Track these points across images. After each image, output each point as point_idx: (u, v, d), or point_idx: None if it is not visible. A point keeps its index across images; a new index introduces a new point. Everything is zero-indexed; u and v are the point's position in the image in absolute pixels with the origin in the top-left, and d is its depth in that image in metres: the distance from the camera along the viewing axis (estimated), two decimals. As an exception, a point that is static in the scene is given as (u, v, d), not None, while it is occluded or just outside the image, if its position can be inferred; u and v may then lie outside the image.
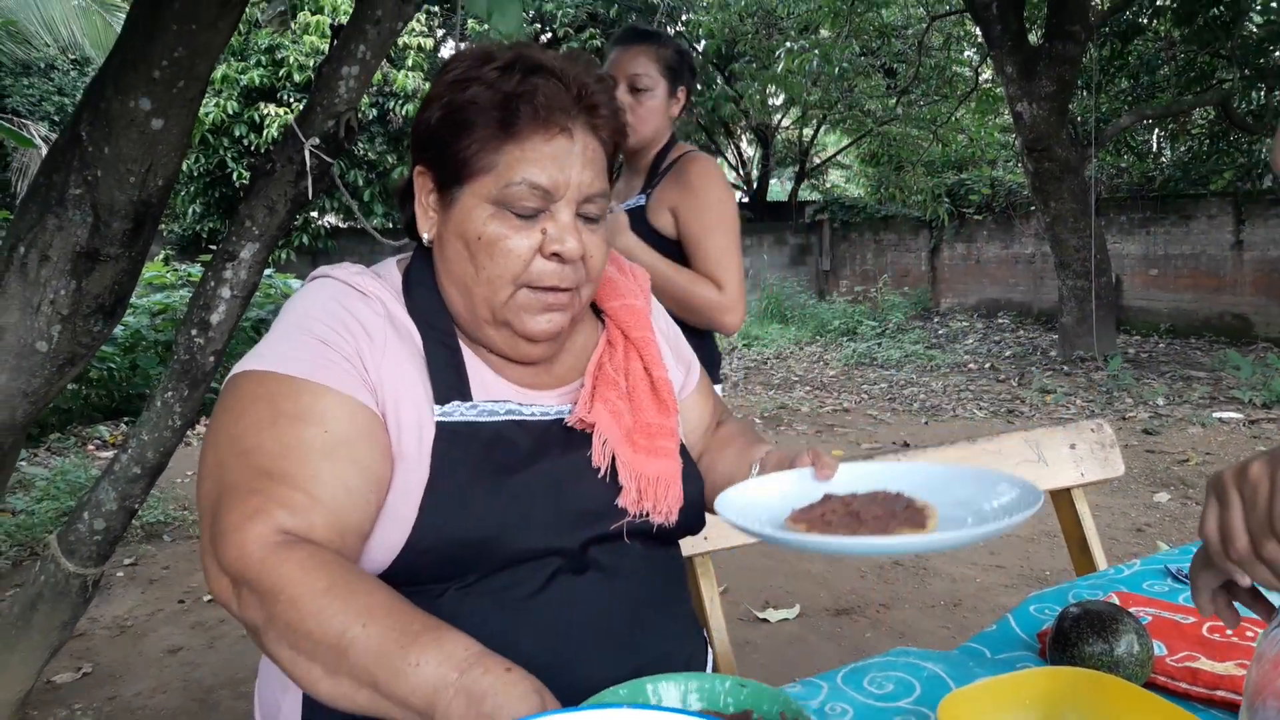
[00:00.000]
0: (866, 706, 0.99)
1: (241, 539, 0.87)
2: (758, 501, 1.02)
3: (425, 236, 1.08)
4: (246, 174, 12.09)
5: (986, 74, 11.68)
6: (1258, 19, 10.56)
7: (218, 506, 0.91)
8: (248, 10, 11.28)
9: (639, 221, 2.23)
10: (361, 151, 14.31)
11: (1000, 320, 12.54)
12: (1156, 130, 12.62)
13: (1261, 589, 0.82)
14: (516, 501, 1.00)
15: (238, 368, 1.00)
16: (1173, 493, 4.97)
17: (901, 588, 3.76)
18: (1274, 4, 10.34)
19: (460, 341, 1.08)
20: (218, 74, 11.66)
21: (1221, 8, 9.91)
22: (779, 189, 20.68)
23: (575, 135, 1.01)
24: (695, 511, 1.13)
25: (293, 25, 12.14)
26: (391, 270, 1.11)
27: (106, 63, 2.44)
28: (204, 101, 2.49)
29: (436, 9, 15.18)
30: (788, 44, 10.41)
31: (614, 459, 1.06)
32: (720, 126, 16.97)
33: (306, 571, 0.84)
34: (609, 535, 1.05)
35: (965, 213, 13.34)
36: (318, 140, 2.30)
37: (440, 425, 1.00)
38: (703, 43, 14.13)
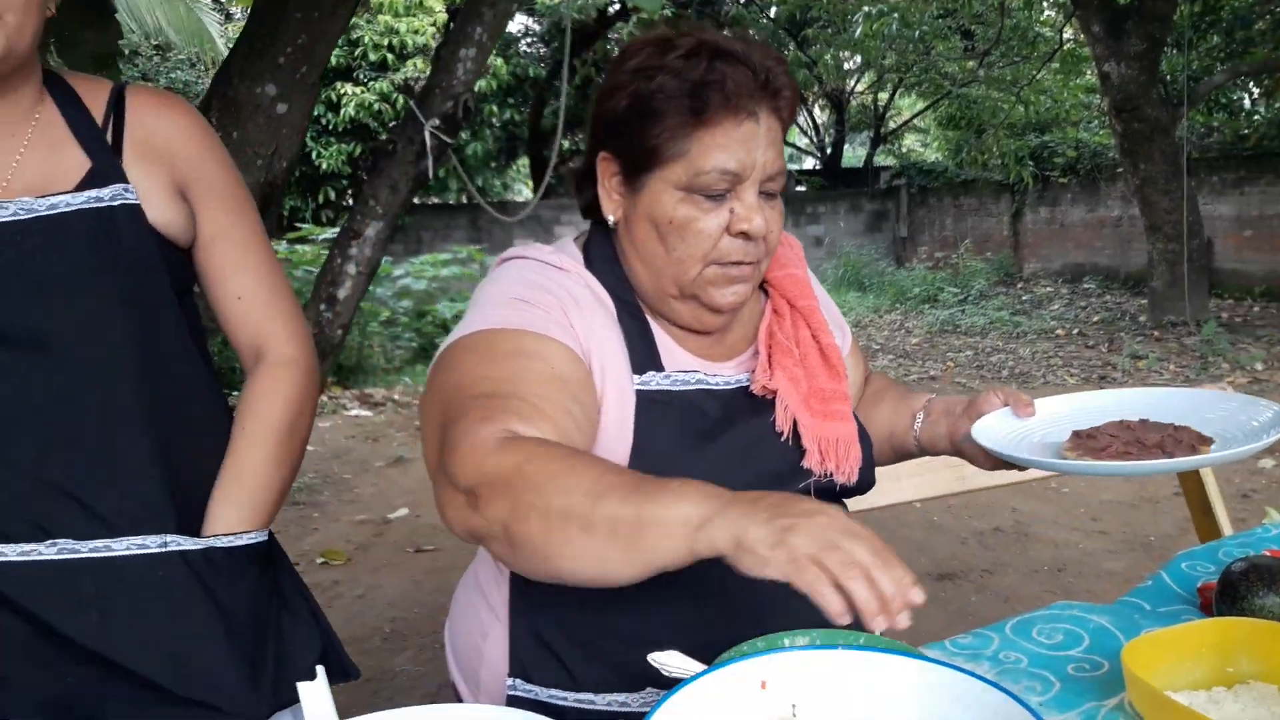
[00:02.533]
0: (1039, 655, 1.03)
1: (473, 441, 0.90)
2: (1005, 437, 1.14)
3: (611, 219, 1.12)
4: (326, 153, 12.30)
5: (1070, 33, 11.35)
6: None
7: (444, 435, 0.94)
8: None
9: None
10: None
11: (1086, 285, 12.26)
12: (1251, 87, 12.17)
13: None
14: (716, 466, 1.04)
15: (448, 342, 1.05)
16: (1277, 458, 4.86)
17: (1004, 553, 3.77)
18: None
19: (644, 312, 1.13)
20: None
21: (1321, -44, 9.52)
22: (852, 156, 20.42)
23: (760, 119, 1.05)
24: (870, 470, 1.18)
25: (370, 3, 12.29)
26: (572, 249, 1.17)
27: (232, 53, 2.55)
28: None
29: None
30: (865, 8, 10.24)
31: (795, 423, 1.11)
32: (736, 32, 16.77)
33: (542, 449, 0.88)
34: (789, 489, 1.10)
35: (1049, 175, 13.02)
36: (437, 121, 2.37)
37: (639, 394, 1.06)
38: (774, 9, 14.00)
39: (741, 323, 1.20)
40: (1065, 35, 11.90)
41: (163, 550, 1.11)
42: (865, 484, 1.18)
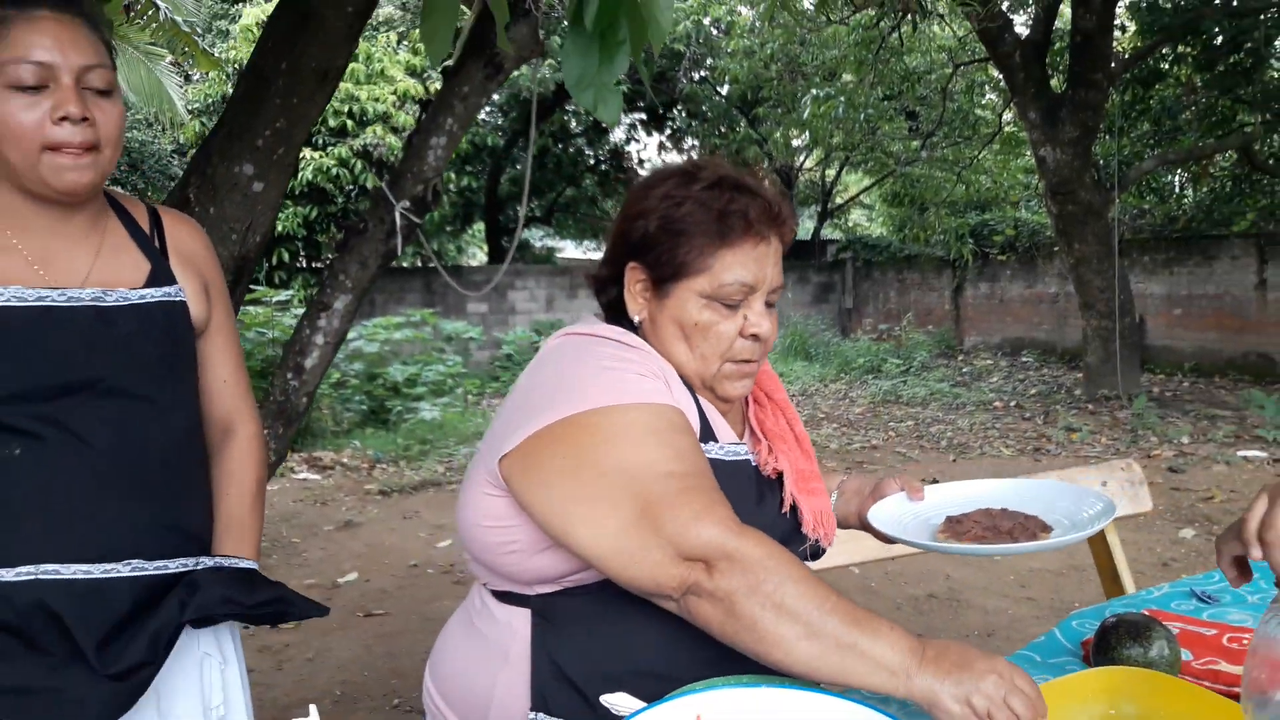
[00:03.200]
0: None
1: (709, 524, 1.05)
2: (896, 518, 1.35)
3: (636, 319, 1.29)
4: (283, 216, 12.35)
5: (1009, 116, 11.89)
6: (1278, 64, 10.75)
7: (657, 513, 1.08)
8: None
9: None
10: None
11: (1024, 359, 12.67)
12: (1179, 172, 12.78)
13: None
14: (764, 531, 1.18)
15: (553, 417, 1.16)
16: (1197, 529, 5.10)
17: (936, 618, 3.92)
18: (1294, 50, 10.55)
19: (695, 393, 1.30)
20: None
21: (1242, 54, 10.12)
22: (801, 229, 20.92)
23: (771, 241, 1.27)
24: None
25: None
26: (615, 327, 1.32)
27: (212, 134, 2.68)
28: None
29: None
30: (813, 91, 10.66)
31: (793, 498, 1.31)
32: (742, 165, 17.27)
33: (780, 549, 1.06)
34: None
35: (989, 252, 13.52)
36: (408, 203, 2.52)
37: (710, 461, 1.20)
38: (727, 88, 14.45)
39: (734, 410, 1.37)
40: (1005, 118, 12.44)
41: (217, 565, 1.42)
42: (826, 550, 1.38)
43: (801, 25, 10.24)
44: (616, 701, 1.00)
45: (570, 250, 22.70)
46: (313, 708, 0.97)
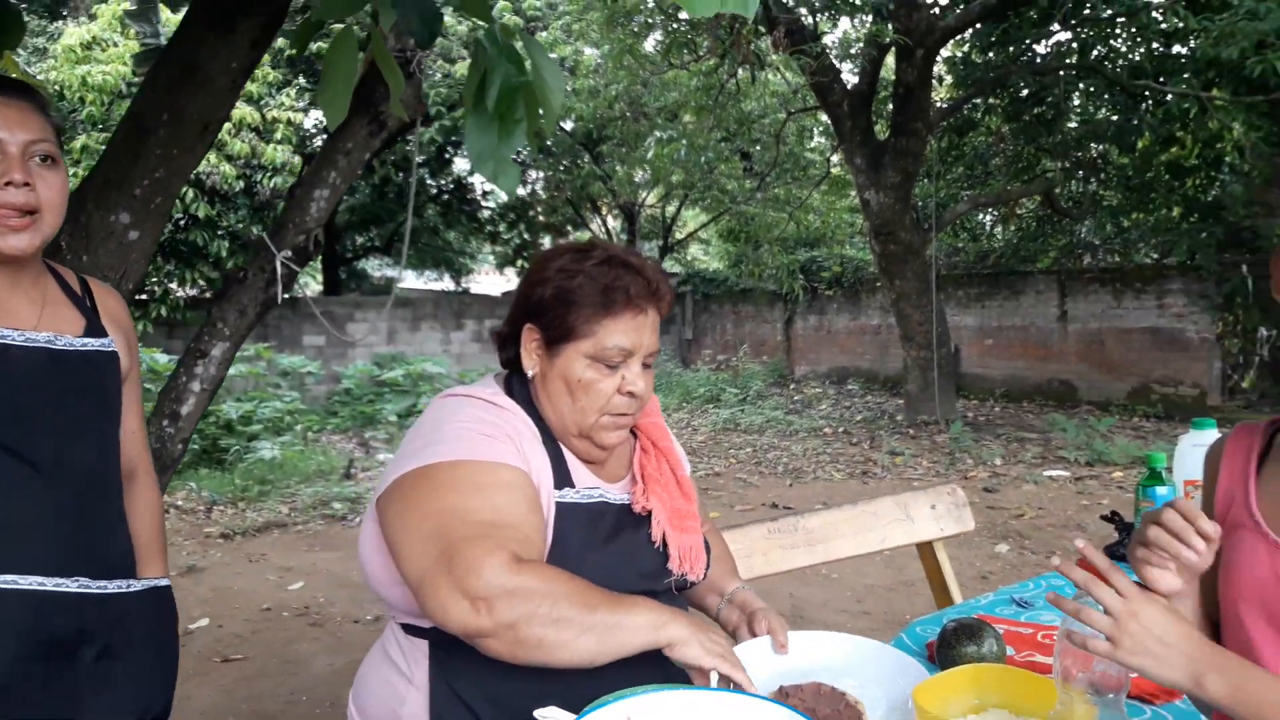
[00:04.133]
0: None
1: (490, 565, 1.21)
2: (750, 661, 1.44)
3: (530, 372, 1.48)
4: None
5: (836, 160, 12.62)
6: (1076, 117, 11.85)
7: (451, 555, 1.23)
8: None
9: None
10: (227, 222, 14.18)
11: (850, 387, 13.38)
12: (989, 214, 13.84)
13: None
14: (611, 562, 1.40)
15: (413, 465, 1.34)
16: (1011, 544, 5.60)
17: (785, 636, 4.20)
18: (1090, 107, 11.65)
19: (556, 440, 1.47)
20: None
21: (1044, 106, 11.11)
22: (642, 261, 21.40)
23: (648, 313, 1.45)
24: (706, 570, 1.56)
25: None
26: (494, 385, 1.51)
27: (87, 181, 2.69)
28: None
29: (304, 82, 15.28)
30: (657, 132, 11.06)
31: (664, 535, 1.47)
32: (586, 202, 17.60)
33: (550, 573, 1.25)
34: (660, 589, 1.47)
35: (817, 287, 14.27)
36: (289, 252, 2.60)
37: (559, 504, 1.40)
38: (572, 124, 14.73)
39: (620, 454, 1.56)
40: (833, 161, 13.19)
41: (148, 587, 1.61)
42: (697, 583, 1.55)
43: (644, 69, 10.61)
44: (548, 715, 1.16)
45: (411, 280, 22.45)
46: (350, 700, 1.09)
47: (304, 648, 4.12)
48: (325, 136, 15.64)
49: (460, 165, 17.66)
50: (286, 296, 2.77)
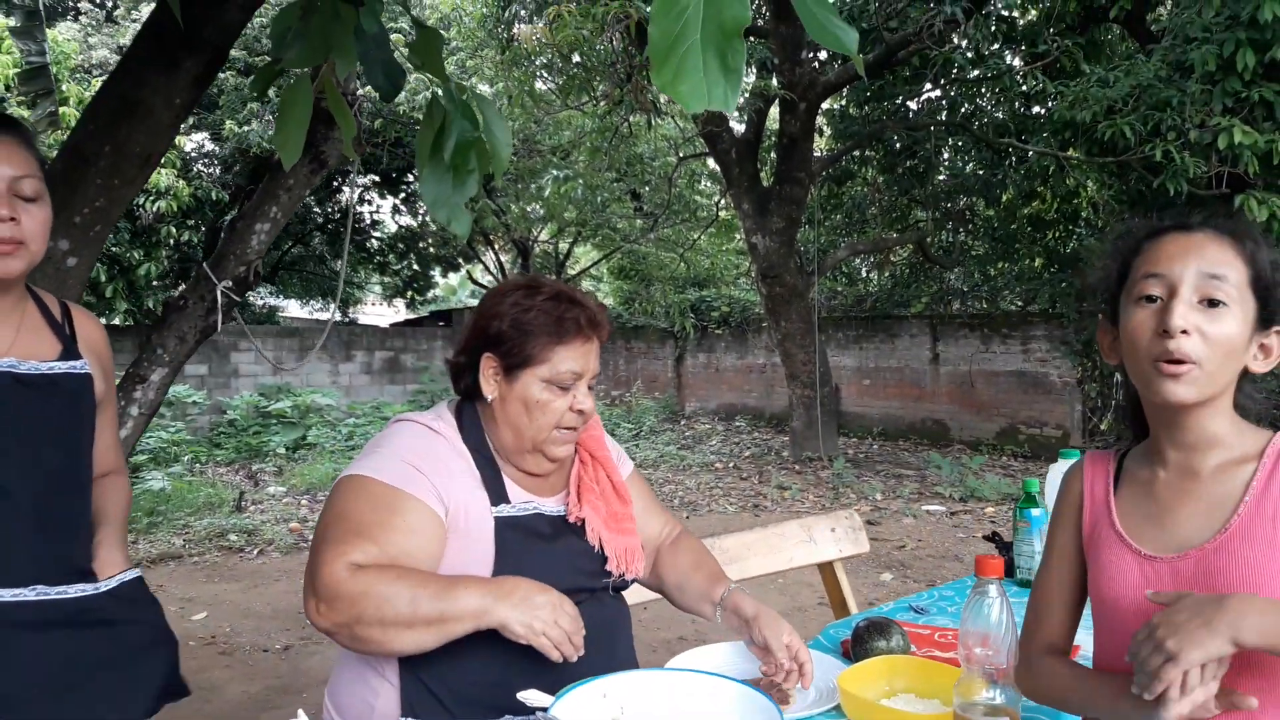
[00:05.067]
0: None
1: (330, 569, 1.42)
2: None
3: (490, 397, 1.65)
4: None
5: (724, 203, 13.06)
6: (945, 171, 12.59)
7: (314, 554, 1.47)
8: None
9: None
10: (105, 246, 13.76)
11: (738, 423, 13.76)
12: (867, 260, 14.50)
13: None
14: (551, 565, 1.57)
15: (351, 471, 1.55)
16: (894, 573, 5.94)
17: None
18: (958, 161, 12.40)
19: (496, 462, 1.64)
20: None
21: (917, 160, 11.79)
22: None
23: (593, 340, 1.67)
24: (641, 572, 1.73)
25: (62, 126, 11.71)
26: (446, 413, 1.68)
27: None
28: None
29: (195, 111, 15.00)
30: (554, 171, 11.30)
31: (600, 539, 1.65)
32: (480, 236, 17.67)
33: (376, 578, 1.41)
34: (599, 587, 1.65)
35: (707, 326, 14.67)
36: (229, 282, 2.70)
37: (497, 519, 1.57)
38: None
39: (561, 470, 1.74)
40: (721, 204, 13.65)
41: (114, 585, 1.68)
42: (635, 580, 1.73)
43: (539, 107, 10.84)
44: (530, 697, 1.33)
45: (294, 309, 22.01)
46: (300, 712, 1.22)
47: (216, 675, 4.11)
48: (207, 161, 15.39)
49: (348, 193, 17.52)
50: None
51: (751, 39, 10.19)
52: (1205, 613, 1.09)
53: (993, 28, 10.07)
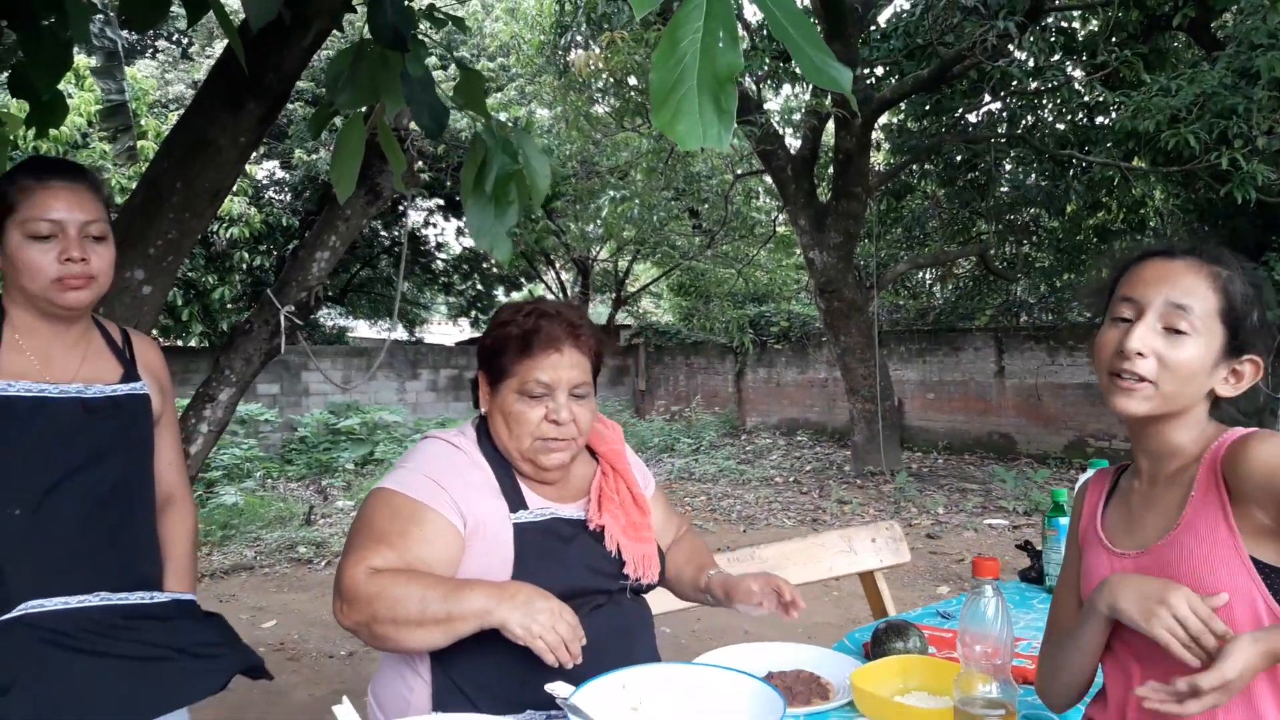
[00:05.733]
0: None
1: (351, 573, 1.55)
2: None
3: (483, 410, 1.79)
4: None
5: (782, 219, 13.11)
6: (1006, 183, 12.48)
7: (343, 558, 1.60)
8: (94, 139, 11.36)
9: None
10: (181, 272, 14.26)
11: (799, 438, 13.74)
12: (929, 273, 14.41)
13: None
14: (569, 569, 1.67)
15: (380, 485, 1.69)
16: (951, 586, 5.93)
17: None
18: (1020, 173, 12.29)
19: (514, 471, 1.75)
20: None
21: (977, 172, 11.71)
22: (596, 315, 21.78)
23: (564, 352, 1.72)
24: (660, 575, 1.82)
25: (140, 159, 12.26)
26: (469, 428, 1.80)
27: (105, 239, 2.93)
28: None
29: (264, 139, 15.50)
30: (610, 192, 11.49)
31: (619, 545, 1.74)
32: (540, 256, 17.95)
33: (390, 581, 1.53)
34: (616, 589, 1.74)
35: (766, 341, 14.70)
36: (292, 307, 2.87)
37: (515, 525, 1.67)
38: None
39: (580, 479, 1.84)
40: (778, 220, 13.70)
41: (170, 600, 1.84)
42: (655, 585, 1.83)
43: (596, 130, 11.02)
44: (556, 688, 1.43)
45: (363, 330, 22.52)
46: (345, 698, 1.34)
47: (283, 680, 4.29)
48: (278, 189, 15.88)
49: (414, 218, 17.94)
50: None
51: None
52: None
53: (1051, 39, 10.01)
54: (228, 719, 3.89)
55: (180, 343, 14.78)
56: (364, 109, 2.38)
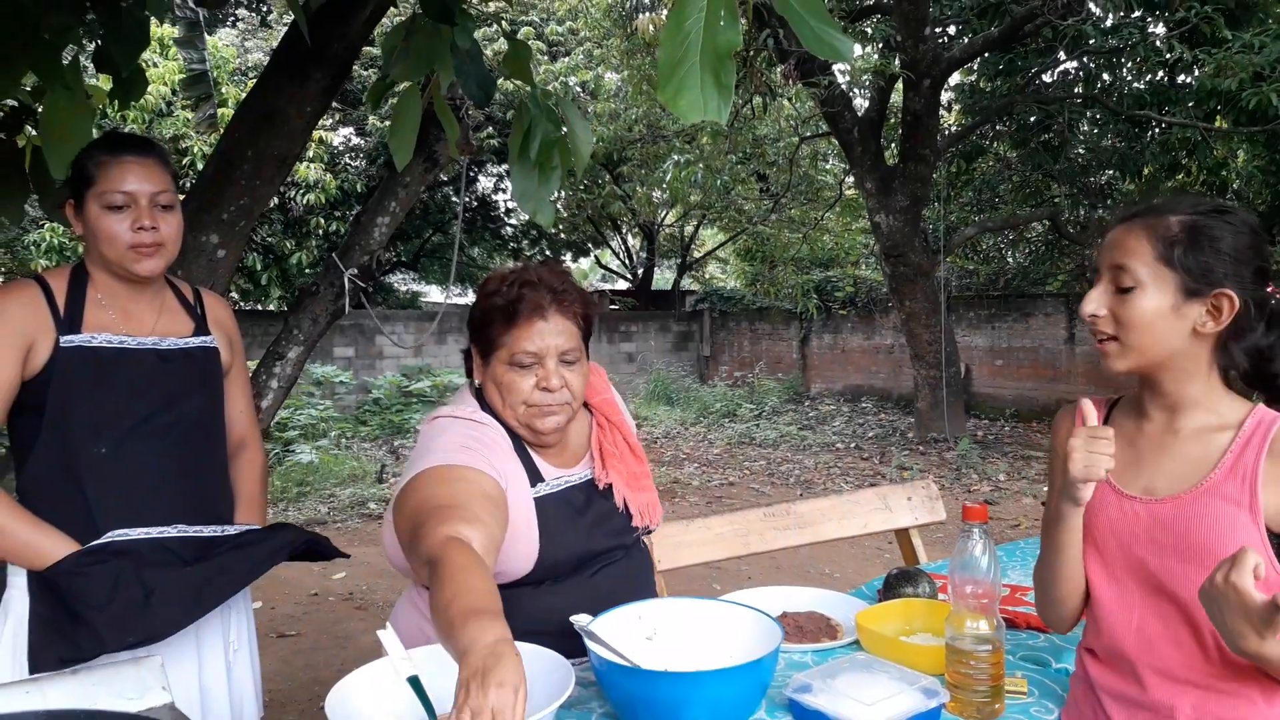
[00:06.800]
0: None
1: (434, 537, 1.40)
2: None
3: (478, 382, 1.81)
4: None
5: (849, 182, 13.02)
6: (1081, 145, 12.21)
7: (418, 525, 1.46)
8: (171, 106, 11.74)
9: None
10: (260, 237, 14.71)
11: (863, 404, 13.71)
12: (998, 237, 14.18)
13: None
14: (588, 530, 1.75)
15: (413, 471, 1.61)
16: (1002, 551, 5.95)
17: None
18: (1095, 133, 12.00)
19: (521, 440, 1.78)
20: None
21: (1051, 134, 11.48)
22: (661, 279, 21.87)
23: (550, 319, 1.72)
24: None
25: (220, 126, 12.65)
26: (469, 400, 1.81)
27: (183, 205, 3.12)
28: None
29: (335, 104, 15.82)
30: (674, 155, 11.52)
31: (624, 499, 1.83)
32: (607, 221, 18.07)
33: (455, 563, 1.36)
34: (630, 543, 1.84)
35: (831, 307, 14.64)
36: (355, 270, 3.03)
37: (537, 500, 1.72)
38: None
39: (579, 436, 1.89)
40: (846, 184, 13.59)
41: (241, 530, 2.02)
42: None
43: (663, 94, 11.03)
44: (578, 619, 1.56)
45: (435, 295, 22.95)
46: (389, 624, 1.49)
47: (351, 626, 4.54)
48: (352, 155, 16.22)
49: (484, 184, 18.18)
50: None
51: (876, 17, 10.15)
52: None
53: (1129, -5, 9.73)
54: (301, 662, 4.14)
55: (260, 306, 15.25)
56: (420, 80, 2.51)
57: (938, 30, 10.25)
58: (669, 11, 1.28)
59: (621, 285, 20.61)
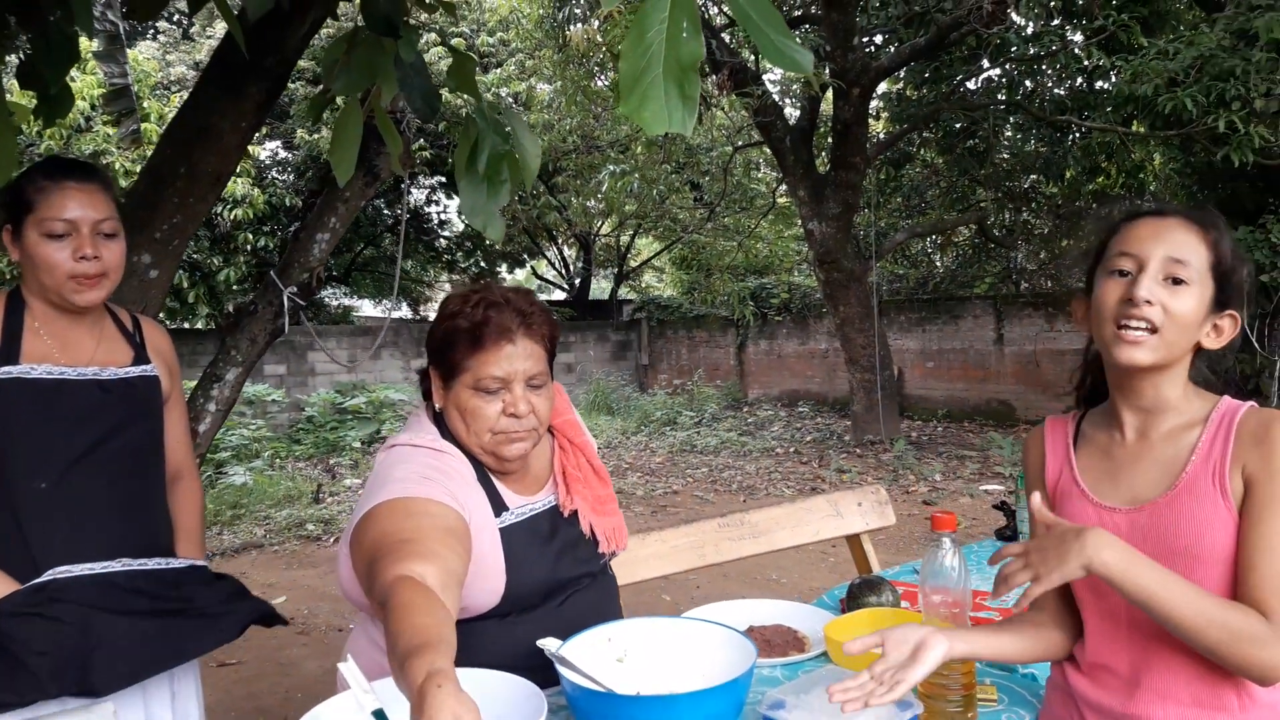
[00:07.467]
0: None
1: (386, 576, 1.30)
2: None
3: (438, 406, 1.72)
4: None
5: (782, 190, 13.15)
6: (1005, 150, 12.50)
7: (373, 562, 1.37)
8: (97, 123, 11.40)
9: None
10: (187, 254, 14.34)
11: (800, 409, 13.84)
12: (927, 242, 14.45)
13: None
14: (554, 559, 1.70)
15: (371, 503, 1.51)
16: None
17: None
18: (1019, 140, 12.30)
19: (484, 467, 1.70)
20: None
21: (976, 140, 11.73)
22: (598, 289, 21.85)
23: (517, 342, 1.64)
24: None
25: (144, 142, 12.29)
26: (427, 426, 1.73)
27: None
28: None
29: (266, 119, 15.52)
30: (610, 166, 11.53)
31: (590, 525, 1.79)
32: (542, 232, 18.00)
33: (401, 602, 1.23)
34: (596, 570, 1.80)
35: (767, 313, 14.77)
36: (294, 288, 2.96)
37: (502, 530, 1.65)
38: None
39: (541, 461, 1.82)
40: (778, 192, 13.73)
41: (186, 565, 1.97)
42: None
43: (596, 104, 11.05)
44: (546, 643, 1.53)
45: (368, 309, 22.61)
46: (349, 655, 1.44)
47: (294, 653, 4.42)
48: (280, 169, 15.93)
49: (417, 196, 17.98)
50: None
51: (804, 27, 10.28)
52: (1067, 542, 1.28)
53: (1049, 3, 9.99)
54: (242, 691, 4.02)
55: (186, 325, 14.87)
56: (360, 93, 2.46)
57: (866, 40, 10.43)
58: (631, 24, 1.26)
59: (558, 296, 20.54)
